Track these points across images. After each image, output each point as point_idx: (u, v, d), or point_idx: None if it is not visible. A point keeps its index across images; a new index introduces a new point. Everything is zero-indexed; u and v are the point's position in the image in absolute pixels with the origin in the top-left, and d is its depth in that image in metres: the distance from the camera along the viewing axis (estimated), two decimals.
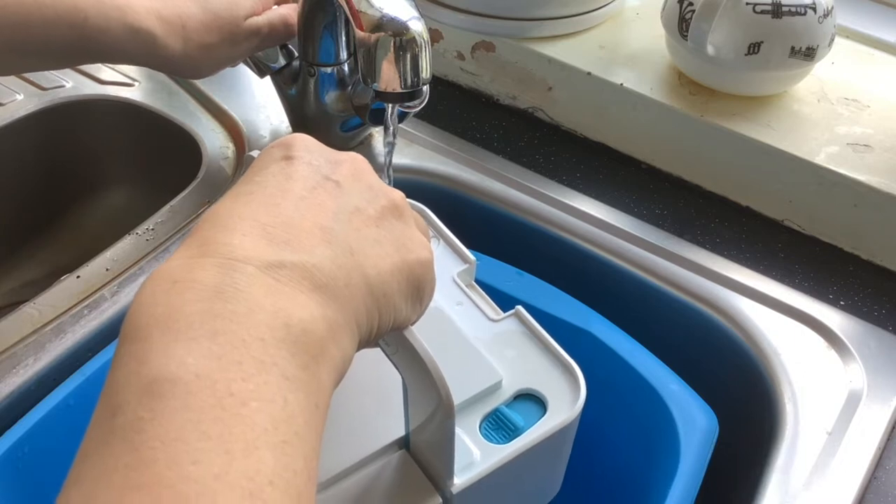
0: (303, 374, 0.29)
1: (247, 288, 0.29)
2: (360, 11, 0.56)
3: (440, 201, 0.69)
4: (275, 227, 0.32)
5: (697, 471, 0.50)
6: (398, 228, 0.36)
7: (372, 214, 0.35)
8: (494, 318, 0.47)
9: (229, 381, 0.27)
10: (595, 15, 0.76)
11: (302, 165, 0.36)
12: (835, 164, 0.64)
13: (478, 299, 0.48)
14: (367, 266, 0.33)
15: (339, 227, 0.34)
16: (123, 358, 0.28)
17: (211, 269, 0.30)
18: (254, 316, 0.29)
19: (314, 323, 0.30)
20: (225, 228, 0.32)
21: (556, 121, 0.75)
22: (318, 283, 0.31)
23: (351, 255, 0.33)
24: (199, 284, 0.29)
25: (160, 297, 0.29)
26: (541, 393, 0.44)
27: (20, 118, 0.75)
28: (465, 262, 0.50)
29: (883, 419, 0.54)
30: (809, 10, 0.65)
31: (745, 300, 0.61)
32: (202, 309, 0.29)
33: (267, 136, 0.71)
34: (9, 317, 0.57)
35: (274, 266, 0.31)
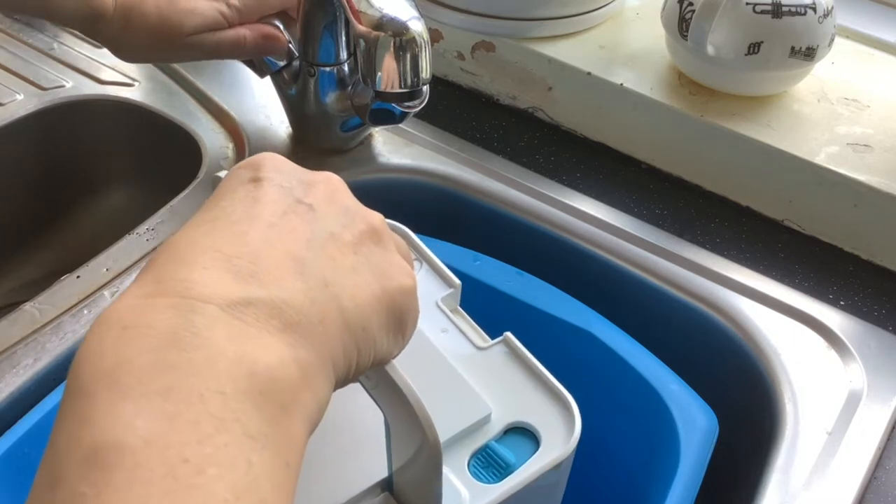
0: (270, 430, 0.26)
1: (206, 332, 0.26)
2: (360, 11, 0.56)
3: (440, 201, 0.69)
4: (240, 258, 0.29)
5: (697, 471, 0.50)
6: (377, 254, 0.33)
7: (348, 240, 0.33)
8: (482, 345, 0.44)
9: (183, 446, 0.24)
10: (595, 15, 0.76)
11: (271, 188, 0.33)
12: (835, 164, 0.64)
13: (464, 325, 0.46)
14: (343, 298, 0.31)
15: (312, 256, 0.31)
16: (66, 418, 0.25)
17: (166, 310, 0.27)
18: (213, 365, 0.26)
19: (284, 368, 0.27)
20: (183, 261, 0.29)
21: (556, 121, 0.75)
22: (289, 321, 0.28)
23: (325, 286, 0.30)
24: (152, 330, 0.26)
25: (108, 345, 0.26)
26: (533, 426, 0.41)
27: (20, 118, 0.75)
28: (450, 286, 0.47)
29: (883, 419, 0.54)
30: (809, 10, 0.65)
31: (745, 300, 0.61)
32: (154, 360, 0.25)
33: (267, 137, 0.71)
34: (9, 317, 0.57)
35: (238, 304, 0.28)
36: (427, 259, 0.48)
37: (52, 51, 0.81)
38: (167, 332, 0.26)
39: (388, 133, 0.72)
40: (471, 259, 0.61)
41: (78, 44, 0.82)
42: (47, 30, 0.83)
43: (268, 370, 0.27)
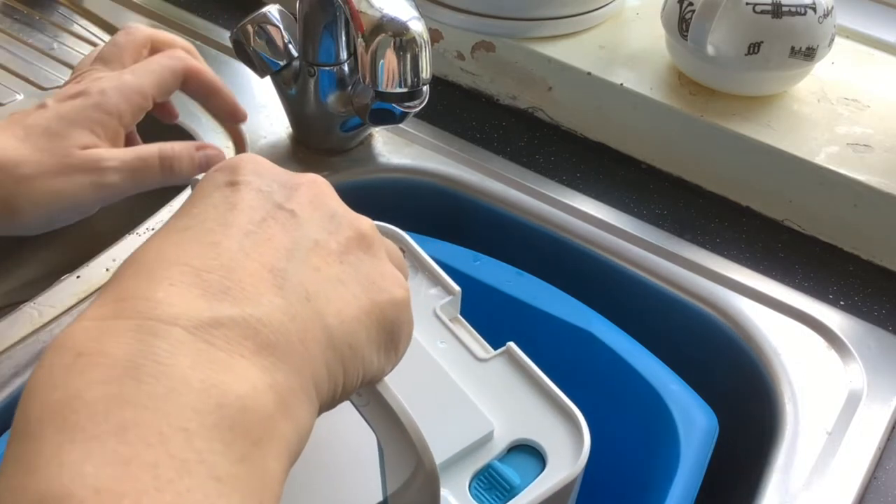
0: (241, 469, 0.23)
1: (169, 358, 0.24)
2: (361, 11, 0.56)
3: (440, 201, 0.69)
4: (211, 271, 0.26)
5: (697, 471, 0.49)
6: (366, 263, 0.31)
7: (334, 249, 0.30)
8: (483, 356, 0.42)
9: (140, 494, 0.21)
10: (595, 15, 0.76)
11: (249, 192, 0.30)
12: (835, 164, 0.64)
13: (464, 336, 0.43)
14: (327, 313, 0.28)
15: (293, 268, 0.28)
16: (9, 464, 0.22)
17: (125, 335, 0.24)
18: (176, 397, 0.23)
19: (258, 397, 0.24)
20: (148, 277, 0.26)
21: (556, 121, 0.75)
22: (265, 342, 0.26)
23: (308, 301, 0.28)
24: (108, 358, 0.23)
25: (59, 376, 0.23)
26: (538, 444, 0.38)
27: None
28: (449, 293, 0.44)
29: (883, 419, 0.54)
30: (809, 10, 0.65)
31: (745, 300, 0.61)
32: (109, 393, 0.23)
33: (267, 137, 0.71)
34: (9, 317, 0.57)
35: (207, 325, 0.25)
36: (424, 264, 0.45)
37: (52, 51, 0.81)
38: (125, 361, 0.23)
39: (388, 133, 0.72)
40: (471, 259, 0.61)
41: (78, 44, 0.82)
42: (47, 30, 0.83)
43: (238, 400, 0.24)
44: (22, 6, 0.85)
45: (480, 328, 0.46)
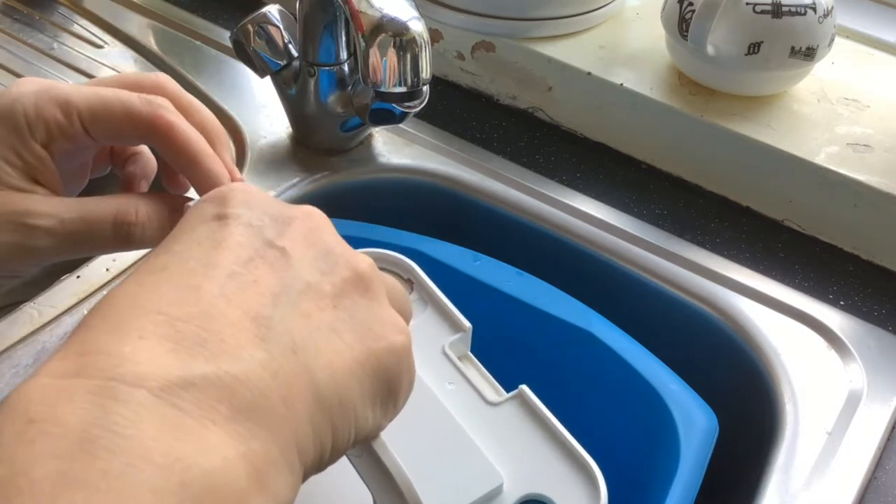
0: None
1: (130, 428, 0.21)
2: (360, 11, 0.56)
3: (440, 201, 0.69)
4: (188, 321, 0.24)
5: (697, 471, 0.49)
6: (363, 307, 0.28)
7: (327, 291, 0.28)
8: (494, 400, 0.39)
9: None
10: (595, 15, 0.76)
11: (238, 227, 0.28)
12: (835, 164, 0.64)
13: (474, 377, 0.40)
14: (316, 366, 0.26)
15: (280, 315, 0.26)
16: None
17: (83, 398, 0.21)
18: (134, 476, 0.20)
19: (228, 471, 0.22)
20: (116, 327, 0.24)
21: (556, 121, 0.75)
22: (242, 404, 0.23)
23: (294, 353, 0.25)
24: (60, 428, 0.21)
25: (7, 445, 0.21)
26: (551, 499, 0.36)
27: None
28: (459, 329, 0.41)
29: (883, 419, 0.54)
30: (809, 10, 0.65)
31: (745, 300, 0.61)
32: (59, 470, 0.20)
33: (267, 137, 0.71)
34: (9, 317, 0.57)
35: (177, 386, 0.22)
36: (433, 297, 0.42)
37: (52, 51, 0.81)
38: (80, 431, 0.21)
39: (388, 133, 0.72)
40: (471, 259, 0.61)
41: (78, 44, 0.82)
42: (47, 30, 0.83)
43: (205, 477, 0.21)
44: (22, 6, 0.85)
45: (480, 328, 0.46)
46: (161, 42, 0.81)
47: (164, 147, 0.37)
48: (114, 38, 0.82)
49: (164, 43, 0.81)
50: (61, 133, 0.36)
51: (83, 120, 0.36)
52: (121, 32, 0.83)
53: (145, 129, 0.37)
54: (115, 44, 0.82)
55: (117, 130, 0.37)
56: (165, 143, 0.37)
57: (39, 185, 0.37)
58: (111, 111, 0.36)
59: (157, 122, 0.36)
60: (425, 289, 0.43)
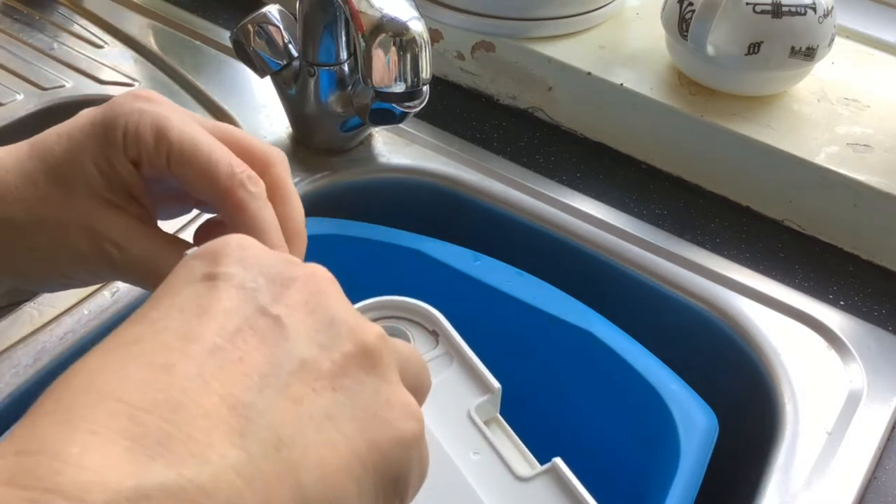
0: None
1: None
2: (361, 11, 0.56)
3: (440, 201, 0.69)
4: (151, 411, 0.20)
5: (697, 471, 0.49)
6: (368, 388, 0.24)
7: (326, 370, 0.24)
8: (523, 475, 0.35)
9: None
10: (595, 15, 0.76)
11: (228, 290, 0.24)
12: (835, 164, 0.64)
13: (503, 445, 0.36)
14: (303, 466, 0.22)
15: (264, 402, 0.22)
16: None
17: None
18: None
19: None
20: (67, 417, 0.20)
21: (556, 121, 0.75)
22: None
23: (277, 450, 0.21)
24: None
25: None
26: None
27: (20, 118, 0.75)
28: (487, 390, 0.38)
29: (883, 419, 0.54)
30: (809, 10, 0.65)
31: (745, 300, 0.61)
32: None
33: (267, 137, 0.71)
34: (9, 317, 0.57)
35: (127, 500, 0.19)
36: (459, 352, 0.38)
37: (52, 51, 0.81)
38: None
39: (388, 133, 0.72)
40: (471, 259, 0.61)
41: (78, 44, 0.82)
42: (47, 30, 0.83)
43: None
44: (22, 6, 0.85)
45: (480, 328, 0.46)
46: (161, 42, 0.81)
47: (231, 223, 0.36)
48: (114, 38, 0.82)
49: (164, 43, 0.81)
50: (148, 160, 0.36)
51: (170, 156, 0.35)
52: (121, 32, 0.83)
53: (219, 196, 0.35)
54: (115, 44, 0.82)
55: (194, 182, 0.35)
56: (232, 222, 0.35)
57: (132, 199, 0.36)
58: (196, 160, 0.35)
59: (232, 197, 0.35)
60: (451, 343, 0.39)
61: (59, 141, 0.37)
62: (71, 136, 0.37)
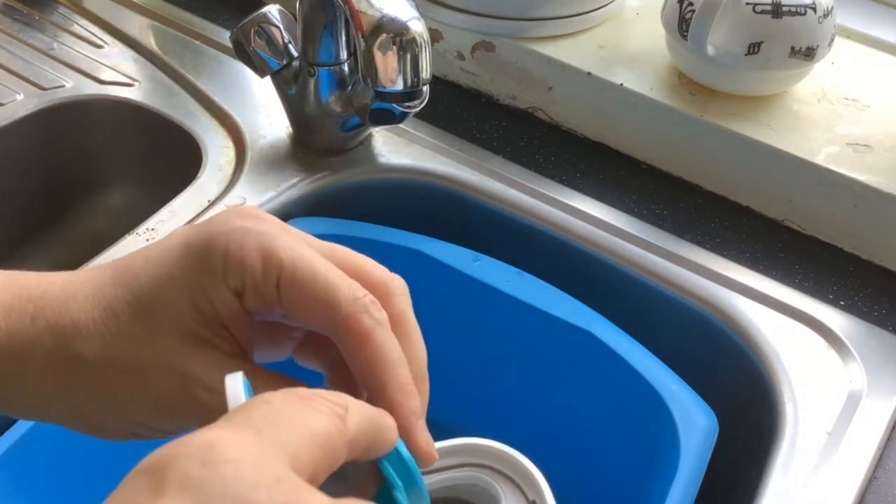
0: None
1: None
2: (360, 11, 0.56)
3: (440, 201, 0.69)
4: None
5: (697, 471, 0.50)
6: None
7: None
8: None
9: None
10: (595, 15, 0.76)
11: None
12: (835, 164, 0.64)
13: None
14: None
15: None
16: None
17: None
18: None
19: None
20: None
21: (556, 121, 0.75)
22: None
23: None
24: None
25: None
26: None
27: (20, 118, 0.75)
28: None
29: (883, 419, 0.54)
30: (809, 10, 0.65)
31: (745, 300, 0.61)
32: None
33: (267, 137, 0.71)
34: None
35: None
36: None
37: (52, 51, 0.81)
38: None
39: (388, 133, 0.72)
40: (471, 259, 0.61)
41: (78, 44, 0.82)
42: (47, 30, 0.83)
43: None
44: (22, 6, 0.85)
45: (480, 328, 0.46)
46: (161, 42, 0.81)
47: (351, 356, 0.31)
48: (114, 38, 0.82)
49: (164, 43, 0.81)
50: (254, 287, 0.31)
51: (281, 280, 0.31)
52: (121, 32, 0.83)
53: (338, 324, 0.31)
54: (115, 44, 0.82)
55: (308, 310, 0.31)
56: (353, 352, 0.31)
57: (227, 335, 0.31)
58: (314, 286, 0.31)
59: (353, 325, 0.31)
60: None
61: (146, 266, 0.32)
62: (160, 261, 0.32)
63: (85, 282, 0.32)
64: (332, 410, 0.25)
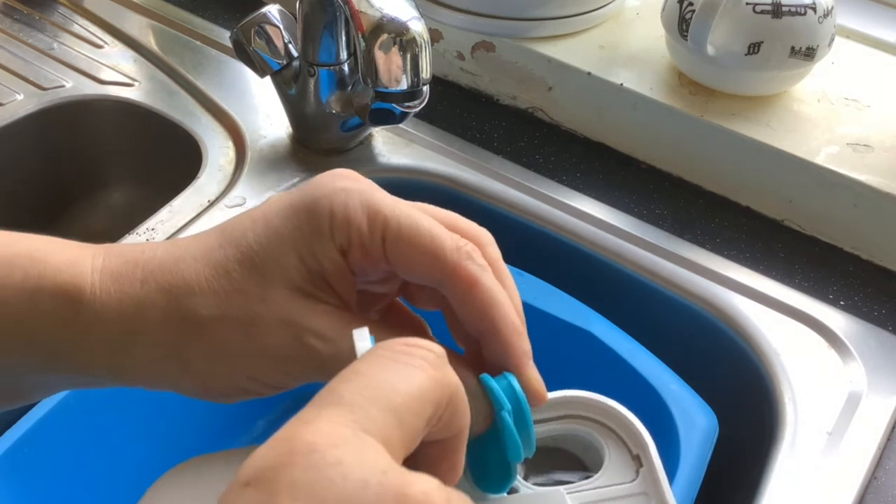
0: None
1: None
2: (361, 11, 0.56)
3: (440, 201, 0.69)
4: None
5: (697, 471, 0.50)
6: None
7: None
8: None
9: None
10: (595, 15, 0.76)
11: None
12: (835, 164, 0.64)
13: None
14: None
15: None
16: None
17: None
18: None
19: None
20: None
21: (556, 121, 0.75)
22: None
23: None
24: None
25: None
26: None
27: (20, 118, 0.75)
28: None
29: (883, 419, 0.54)
30: (809, 10, 0.65)
31: (745, 300, 0.61)
32: None
33: (267, 137, 0.71)
34: None
35: None
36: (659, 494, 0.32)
37: (52, 51, 0.81)
38: None
39: (388, 133, 0.72)
40: None
41: (78, 44, 0.82)
42: (47, 30, 0.83)
43: None
44: (22, 6, 0.85)
45: None
46: (161, 42, 0.81)
47: (461, 302, 0.32)
48: (114, 38, 0.82)
49: (164, 43, 0.81)
50: (360, 244, 0.32)
51: (386, 237, 0.32)
52: (121, 32, 0.83)
53: (446, 273, 0.32)
54: (115, 44, 0.82)
55: (415, 262, 0.32)
56: (463, 299, 0.32)
57: (333, 293, 0.33)
58: (419, 239, 0.32)
59: (461, 272, 0.32)
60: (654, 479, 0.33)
61: (253, 227, 0.33)
62: (267, 221, 0.33)
63: (189, 245, 0.33)
64: (427, 360, 0.25)
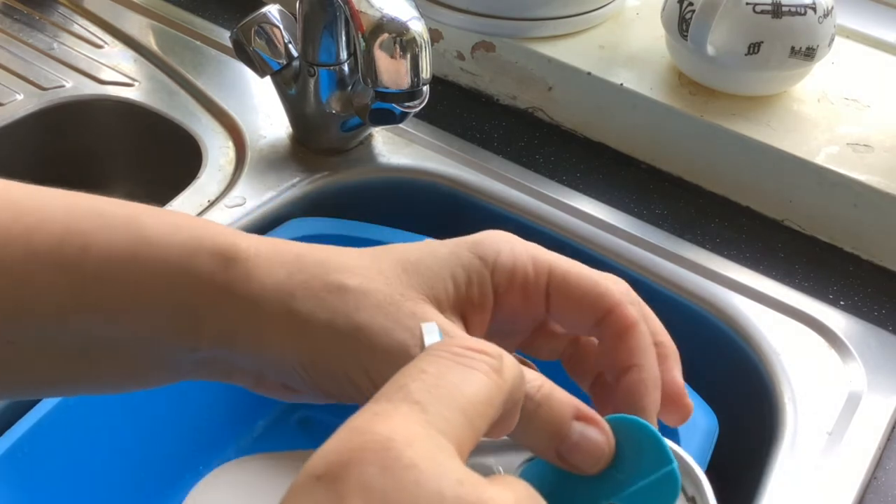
0: None
1: None
2: (361, 11, 0.56)
3: (440, 201, 0.69)
4: None
5: None
6: None
7: None
8: None
9: None
10: (595, 15, 0.76)
11: None
12: (835, 164, 0.64)
13: None
14: None
15: None
16: None
17: None
18: None
19: None
20: None
21: (556, 121, 0.75)
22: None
23: None
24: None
25: None
26: None
27: (20, 118, 0.75)
28: None
29: (883, 419, 0.54)
30: (809, 10, 0.65)
31: (745, 300, 0.61)
32: None
33: (267, 137, 0.71)
34: None
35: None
36: None
37: (52, 51, 0.81)
38: None
39: (388, 133, 0.72)
40: None
41: (78, 44, 0.82)
42: (47, 30, 0.83)
43: None
44: (22, 6, 0.85)
45: None
46: (161, 42, 0.81)
47: (615, 346, 0.33)
48: (114, 38, 0.82)
49: (164, 43, 0.81)
50: (521, 287, 0.33)
51: (551, 281, 0.33)
52: (121, 32, 0.83)
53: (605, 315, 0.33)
54: (115, 44, 0.82)
55: (577, 306, 0.33)
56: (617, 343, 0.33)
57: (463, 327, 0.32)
58: (584, 282, 0.33)
59: (623, 313, 0.33)
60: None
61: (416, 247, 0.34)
62: (431, 245, 0.34)
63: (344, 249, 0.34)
64: (489, 365, 0.25)
